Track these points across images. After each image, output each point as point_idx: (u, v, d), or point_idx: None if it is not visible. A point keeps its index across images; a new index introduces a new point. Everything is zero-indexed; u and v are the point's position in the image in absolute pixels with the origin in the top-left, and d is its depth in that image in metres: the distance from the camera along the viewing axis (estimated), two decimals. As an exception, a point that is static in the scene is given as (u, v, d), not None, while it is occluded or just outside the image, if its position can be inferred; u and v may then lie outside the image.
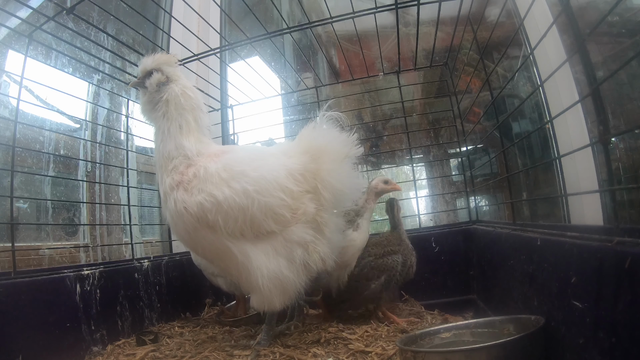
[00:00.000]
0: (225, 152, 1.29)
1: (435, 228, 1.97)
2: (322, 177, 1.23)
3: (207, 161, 1.23)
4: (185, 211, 1.17)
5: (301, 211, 1.22)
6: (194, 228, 1.19)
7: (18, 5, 1.46)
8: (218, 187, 1.16)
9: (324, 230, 1.26)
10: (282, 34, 1.94)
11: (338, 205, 1.31)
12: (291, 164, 1.24)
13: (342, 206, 1.35)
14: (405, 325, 1.45)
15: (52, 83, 1.66)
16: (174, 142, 1.25)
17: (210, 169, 1.20)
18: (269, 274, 1.17)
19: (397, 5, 1.62)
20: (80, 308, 1.37)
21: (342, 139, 1.28)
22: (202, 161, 1.23)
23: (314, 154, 1.25)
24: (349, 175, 1.28)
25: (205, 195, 1.16)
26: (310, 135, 1.29)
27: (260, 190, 1.16)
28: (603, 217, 1.20)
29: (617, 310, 0.62)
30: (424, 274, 1.80)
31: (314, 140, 1.27)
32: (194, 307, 1.94)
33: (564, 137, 1.46)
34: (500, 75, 1.99)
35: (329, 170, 1.24)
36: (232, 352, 1.27)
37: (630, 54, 1.19)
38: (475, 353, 0.80)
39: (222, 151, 1.29)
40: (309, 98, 2.60)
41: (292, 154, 1.28)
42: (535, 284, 0.96)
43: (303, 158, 1.25)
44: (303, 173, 1.23)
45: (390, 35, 2.39)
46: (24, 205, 1.79)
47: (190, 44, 1.98)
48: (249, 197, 1.15)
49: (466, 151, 2.13)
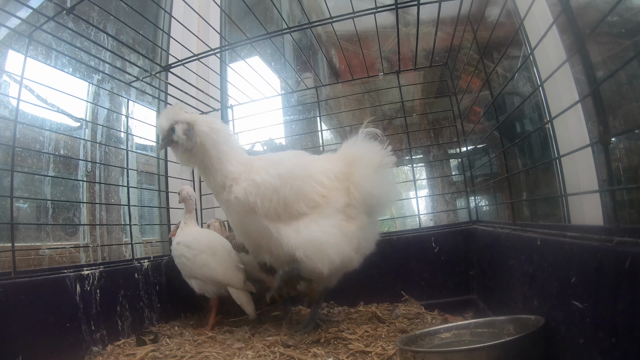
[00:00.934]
0: (268, 155, 1.51)
1: (435, 228, 1.97)
2: (354, 179, 1.36)
3: (253, 161, 1.42)
4: (235, 199, 1.35)
5: (332, 199, 1.34)
6: (241, 213, 1.37)
7: (18, 5, 1.46)
8: (258, 174, 1.35)
9: (352, 223, 1.35)
10: (282, 34, 1.94)
11: (369, 209, 1.38)
12: (327, 166, 1.40)
13: (373, 212, 1.43)
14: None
15: (52, 83, 1.66)
16: (221, 173, 1.40)
17: (255, 164, 1.40)
18: (301, 239, 1.30)
19: (397, 5, 1.62)
20: (80, 308, 1.37)
21: (376, 149, 1.40)
22: (248, 167, 1.41)
23: (349, 161, 1.39)
24: (380, 181, 1.38)
25: (249, 181, 1.35)
26: (348, 147, 1.44)
27: (293, 176, 1.33)
28: (603, 217, 1.20)
29: (617, 310, 0.62)
30: (424, 274, 1.80)
31: (350, 149, 1.43)
32: (194, 307, 1.94)
33: (564, 137, 1.46)
34: (500, 75, 1.99)
35: (361, 174, 1.36)
36: (232, 345, 1.30)
37: (630, 54, 1.19)
38: (475, 353, 0.80)
39: (265, 156, 1.49)
40: (309, 98, 2.60)
41: (331, 160, 1.44)
42: (535, 284, 0.96)
43: (339, 163, 1.41)
44: (337, 175, 1.38)
45: (391, 36, 2.39)
46: (24, 205, 1.79)
47: (190, 44, 1.98)
48: (282, 179, 1.32)
49: (466, 151, 2.13)
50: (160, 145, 1.53)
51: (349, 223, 1.34)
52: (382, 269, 1.83)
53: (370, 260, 1.84)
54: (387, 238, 1.89)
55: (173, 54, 2.08)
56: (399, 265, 1.85)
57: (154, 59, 2.45)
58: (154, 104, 2.44)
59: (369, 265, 1.64)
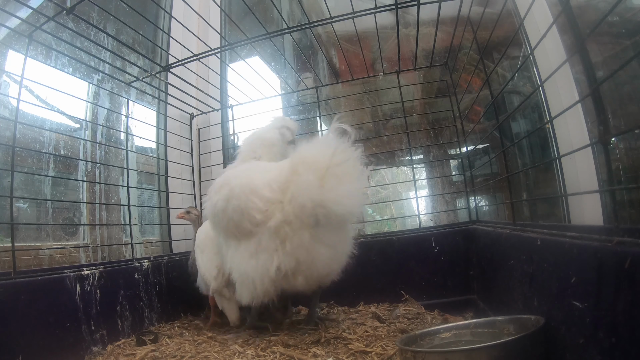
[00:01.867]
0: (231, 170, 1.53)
1: (435, 228, 1.97)
2: (291, 189, 1.21)
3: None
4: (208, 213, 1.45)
5: (271, 215, 1.24)
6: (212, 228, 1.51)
7: (18, 5, 1.45)
8: (214, 195, 1.41)
9: (286, 245, 1.22)
10: (282, 34, 1.94)
11: (316, 221, 1.18)
12: (272, 176, 1.29)
13: (329, 222, 1.19)
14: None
15: (52, 83, 1.66)
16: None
17: (215, 182, 1.46)
18: (236, 268, 1.33)
19: (397, 5, 1.61)
20: (80, 308, 1.37)
21: (320, 149, 1.18)
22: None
23: (293, 167, 1.22)
24: (331, 188, 1.14)
25: (209, 201, 1.42)
26: (298, 149, 1.27)
27: (234, 195, 1.31)
28: (603, 217, 1.20)
29: (617, 310, 0.62)
30: (424, 274, 1.80)
31: (298, 152, 1.26)
32: (194, 307, 1.94)
33: (564, 137, 1.46)
34: (500, 75, 1.99)
35: (298, 183, 1.18)
36: (232, 345, 1.30)
37: (630, 54, 1.19)
38: (475, 353, 0.80)
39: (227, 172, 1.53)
40: (309, 98, 2.60)
41: (279, 168, 1.32)
42: (535, 284, 0.96)
43: (285, 172, 1.25)
44: (280, 185, 1.25)
45: (391, 36, 2.39)
46: (24, 205, 1.79)
47: (190, 44, 1.98)
48: (225, 200, 1.33)
49: (466, 152, 2.13)
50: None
51: (276, 247, 1.23)
52: (382, 269, 1.83)
53: (370, 260, 1.85)
54: (387, 238, 1.89)
55: (173, 54, 2.08)
56: (399, 265, 1.85)
57: (154, 59, 2.44)
58: (154, 104, 2.44)
59: (369, 265, 1.65)
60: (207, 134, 2.50)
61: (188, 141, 2.42)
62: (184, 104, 2.30)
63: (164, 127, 2.34)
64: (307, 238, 1.20)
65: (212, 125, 2.49)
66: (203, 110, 2.42)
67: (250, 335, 1.45)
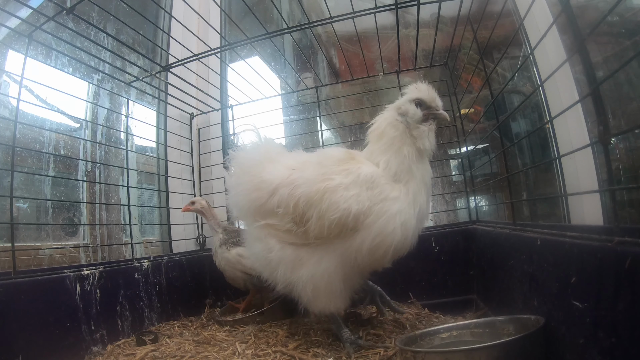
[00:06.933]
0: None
1: (435, 228, 1.97)
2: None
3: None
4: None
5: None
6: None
7: (18, 5, 1.45)
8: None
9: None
10: (282, 34, 1.94)
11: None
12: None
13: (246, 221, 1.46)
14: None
15: (52, 83, 1.66)
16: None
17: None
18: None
19: (397, 5, 1.61)
20: (80, 308, 1.37)
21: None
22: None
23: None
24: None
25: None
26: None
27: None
28: (603, 217, 1.20)
29: (617, 310, 0.62)
30: (424, 274, 1.80)
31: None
32: (194, 307, 1.94)
33: (564, 137, 1.46)
34: (500, 75, 1.99)
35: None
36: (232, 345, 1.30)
37: (630, 54, 1.19)
38: (475, 353, 0.80)
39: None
40: (309, 98, 2.60)
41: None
42: (535, 284, 0.96)
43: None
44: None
45: (391, 36, 2.39)
46: (24, 205, 1.79)
47: (190, 44, 1.98)
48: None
49: (466, 152, 2.13)
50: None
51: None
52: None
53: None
54: (387, 238, 1.88)
55: (173, 53, 2.08)
56: (398, 265, 1.83)
57: (154, 59, 2.44)
58: (154, 104, 2.44)
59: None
60: (207, 134, 2.49)
61: (188, 141, 2.42)
62: (184, 104, 2.30)
63: (164, 127, 2.34)
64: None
65: (212, 125, 2.49)
66: (203, 110, 2.42)
67: (250, 336, 1.45)
